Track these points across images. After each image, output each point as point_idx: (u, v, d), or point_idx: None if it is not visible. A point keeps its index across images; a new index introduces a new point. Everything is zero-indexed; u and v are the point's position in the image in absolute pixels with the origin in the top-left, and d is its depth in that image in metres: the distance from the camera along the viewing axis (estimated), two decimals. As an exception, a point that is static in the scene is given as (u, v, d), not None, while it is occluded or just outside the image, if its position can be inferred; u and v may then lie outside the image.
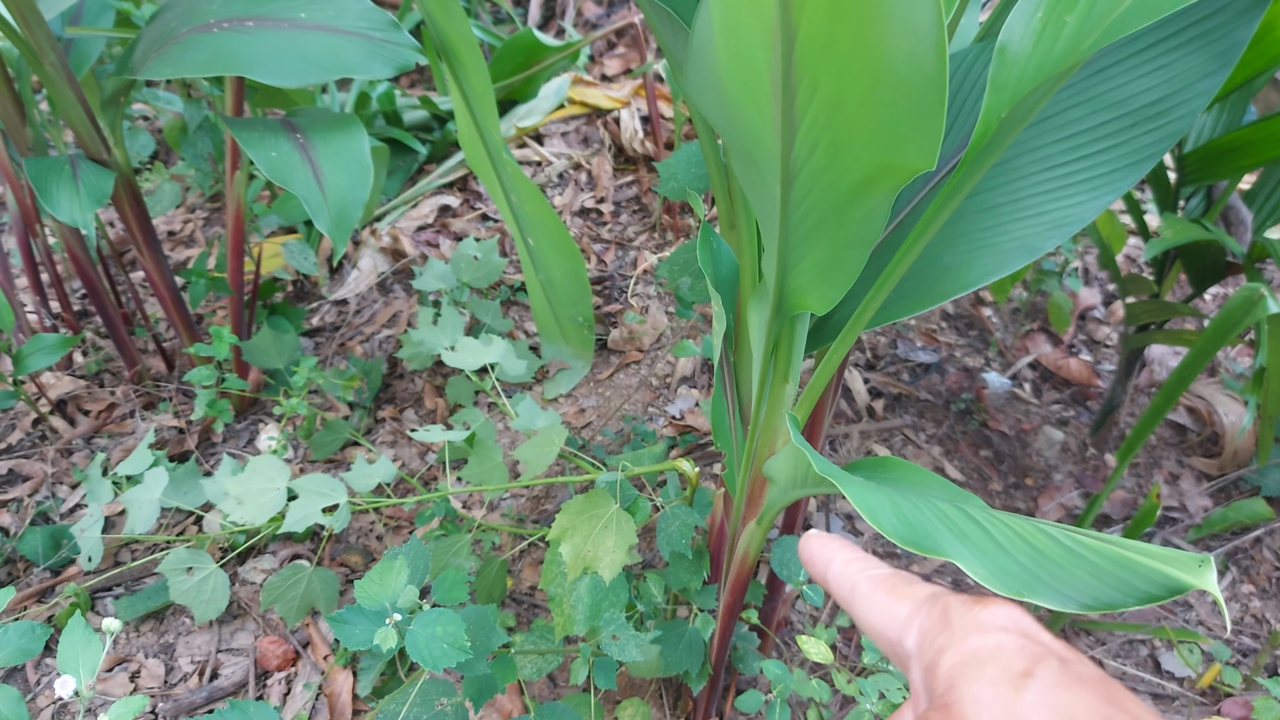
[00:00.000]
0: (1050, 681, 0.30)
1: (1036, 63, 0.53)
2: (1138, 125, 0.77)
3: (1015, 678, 0.30)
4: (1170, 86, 0.77)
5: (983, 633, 0.32)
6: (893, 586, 0.37)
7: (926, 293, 0.77)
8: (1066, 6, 0.53)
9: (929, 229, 0.60)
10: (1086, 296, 1.75)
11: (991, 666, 0.31)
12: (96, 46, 1.37)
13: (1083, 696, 0.29)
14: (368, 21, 1.21)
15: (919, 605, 0.35)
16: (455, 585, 0.69)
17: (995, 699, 0.30)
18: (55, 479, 1.49)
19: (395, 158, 2.01)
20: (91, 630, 0.62)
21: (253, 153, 1.15)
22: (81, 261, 1.38)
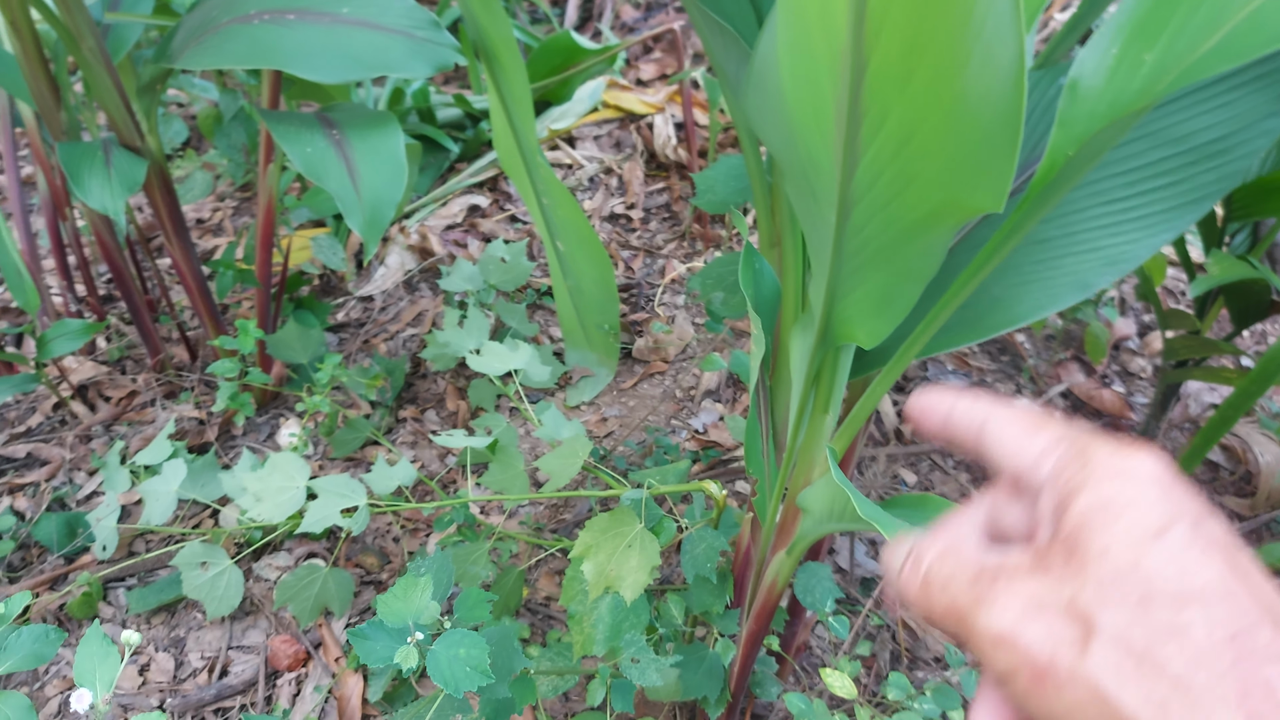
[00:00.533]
0: (1180, 543, 0.29)
1: (1109, 100, 0.51)
2: (1198, 163, 0.75)
3: (1147, 535, 0.29)
4: (1232, 125, 0.75)
5: (1123, 480, 0.30)
6: (1027, 420, 0.35)
7: (974, 325, 0.75)
8: (1146, 43, 0.51)
9: (985, 266, 0.58)
10: (1122, 327, 1.72)
11: (1125, 520, 0.29)
12: (134, 31, 1.37)
13: (1209, 563, 0.28)
14: (409, 20, 1.20)
15: (1057, 440, 0.33)
16: (478, 604, 0.68)
17: (1123, 553, 0.29)
18: (73, 465, 1.48)
19: (427, 155, 2.00)
20: (110, 642, 0.61)
21: (288, 147, 1.14)
22: (109, 247, 1.37)
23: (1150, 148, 0.76)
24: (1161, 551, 0.28)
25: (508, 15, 1.19)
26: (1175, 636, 0.28)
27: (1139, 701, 0.28)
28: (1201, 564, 0.28)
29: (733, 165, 1.15)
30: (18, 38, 1.13)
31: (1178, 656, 0.27)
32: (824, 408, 0.70)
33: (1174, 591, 0.28)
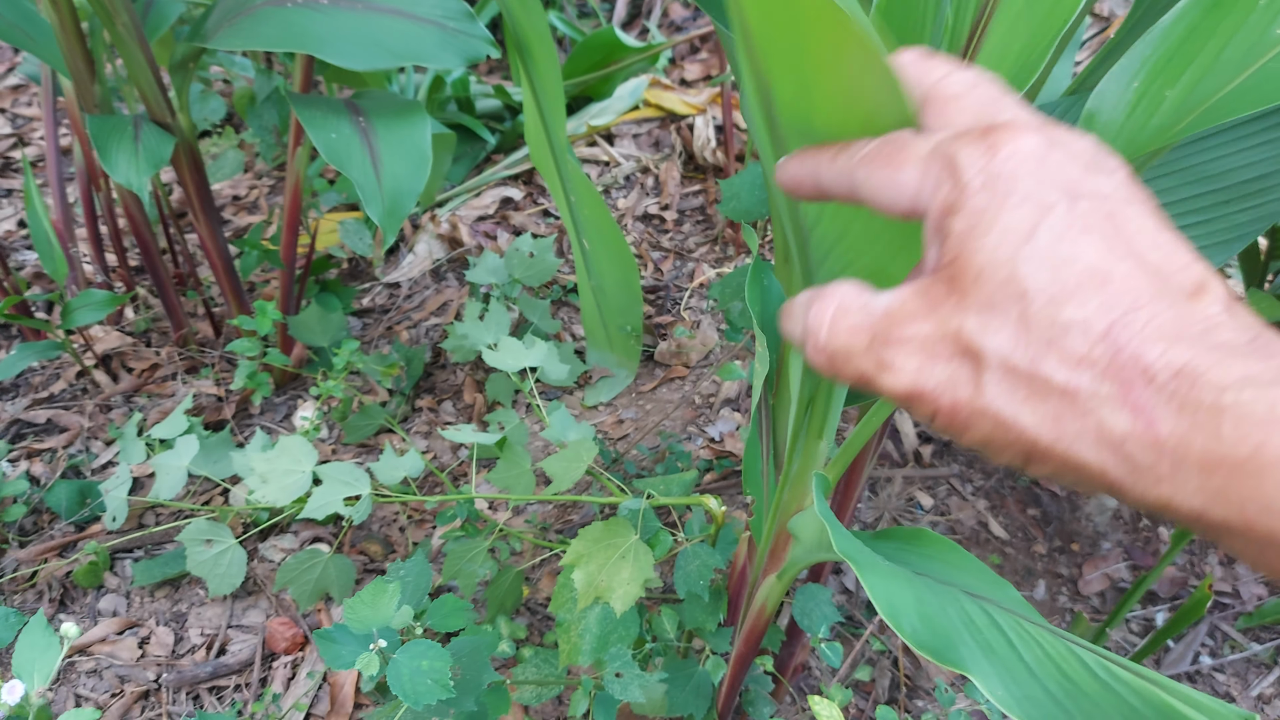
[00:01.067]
0: (1052, 235, 0.27)
1: (1128, 137, 0.49)
2: (1232, 202, 0.72)
3: (1018, 240, 0.28)
4: (1273, 164, 0.72)
5: (992, 185, 0.29)
6: (888, 156, 0.32)
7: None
8: (1168, 79, 0.48)
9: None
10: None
11: (996, 229, 0.28)
12: (176, 7, 1.37)
13: (1082, 249, 0.27)
14: (443, 10, 1.19)
15: (925, 163, 0.31)
16: (453, 611, 0.67)
17: (997, 269, 0.28)
18: (91, 433, 1.50)
19: (463, 144, 2.00)
20: (53, 633, 0.60)
21: (313, 132, 1.14)
22: (137, 221, 1.38)
23: (1182, 184, 0.73)
24: (1033, 254, 0.27)
25: (543, 10, 1.17)
26: (1054, 346, 0.27)
27: (1035, 421, 0.28)
28: (1074, 253, 0.27)
29: (757, 174, 1.13)
30: (55, 10, 1.14)
31: (1059, 369, 0.27)
32: (818, 433, 0.68)
33: (1049, 295, 0.27)
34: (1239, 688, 1.29)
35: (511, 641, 1.07)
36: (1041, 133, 0.29)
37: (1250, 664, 1.32)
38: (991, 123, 0.31)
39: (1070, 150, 0.29)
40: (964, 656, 0.43)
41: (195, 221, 1.37)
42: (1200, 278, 0.27)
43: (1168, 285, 0.27)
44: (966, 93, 0.33)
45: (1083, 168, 0.29)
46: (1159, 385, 0.25)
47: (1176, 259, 0.27)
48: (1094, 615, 1.34)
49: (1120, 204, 0.28)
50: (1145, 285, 0.27)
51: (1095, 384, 0.26)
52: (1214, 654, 1.32)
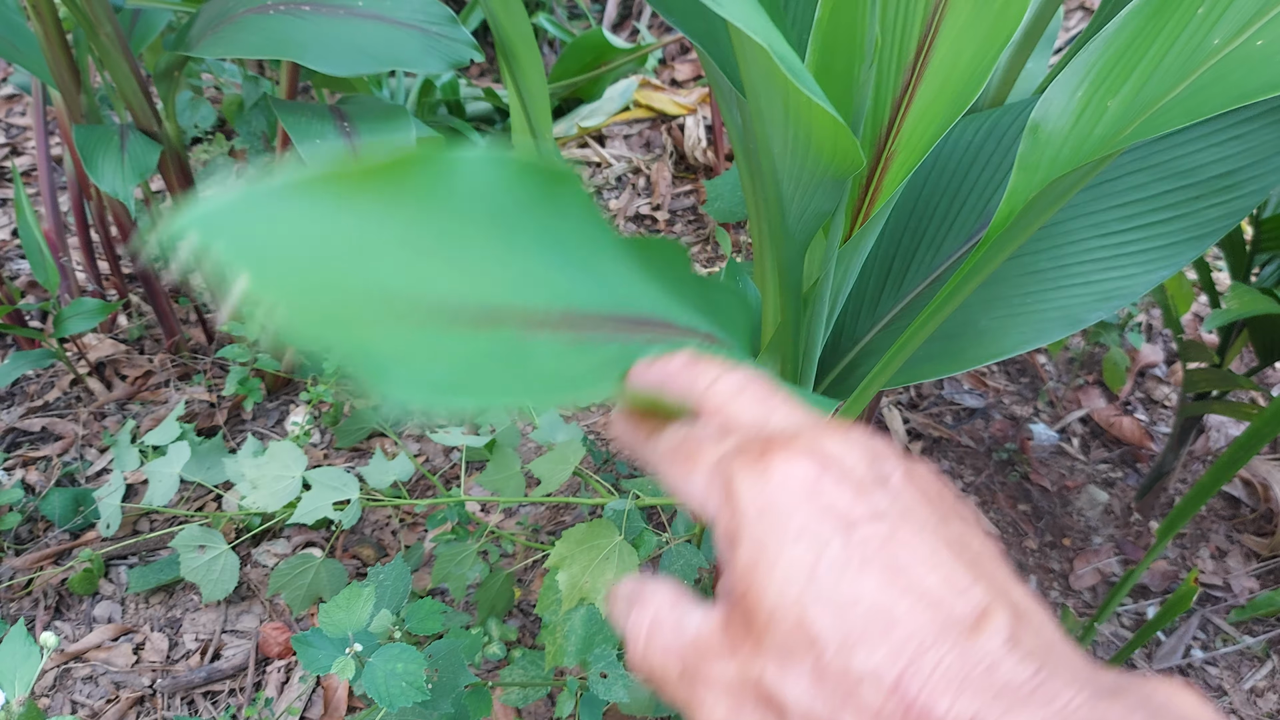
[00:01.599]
0: (833, 574, 0.27)
1: (1073, 145, 0.49)
2: (1204, 197, 0.72)
3: (802, 579, 0.27)
4: (1243, 159, 0.72)
5: (769, 517, 0.28)
6: (682, 459, 0.32)
7: (958, 355, 0.73)
8: (1111, 89, 0.48)
9: (945, 307, 0.56)
10: (1148, 353, 1.67)
11: (780, 568, 0.28)
12: (165, 16, 1.38)
13: (864, 587, 0.27)
14: (425, 15, 1.19)
15: (709, 476, 0.31)
16: (430, 615, 0.67)
17: (787, 613, 0.27)
18: (85, 441, 1.51)
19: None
20: (34, 642, 0.61)
21: (297, 139, 1.14)
22: (127, 229, 1.38)
23: (1154, 180, 0.73)
24: (817, 596, 0.27)
25: (526, 14, 1.18)
26: (849, 699, 0.26)
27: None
28: (856, 592, 0.27)
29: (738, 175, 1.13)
30: (39, 21, 1.14)
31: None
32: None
33: (839, 643, 0.26)
34: (1231, 681, 1.29)
35: (502, 644, 1.07)
36: (813, 453, 0.29)
37: (1243, 657, 1.32)
38: (765, 436, 0.31)
39: (842, 469, 0.29)
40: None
41: (184, 229, 1.37)
42: (982, 603, 0.27)
43: (950, 619, 0.26)
44: (736, 397, 0.33)
45: (855, 489, 0.29)
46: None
47: (956, 582, 0.27)
48: (1085, 609, 1.35)
49: (897, 524, 0.28)
50: (928, 623, 0.26)
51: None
52: (1205, 647, 1.33)
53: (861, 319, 0.79)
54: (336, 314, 0.28)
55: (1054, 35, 0.95)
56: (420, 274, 0.31)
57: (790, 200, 0.55)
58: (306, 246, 0.28)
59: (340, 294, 0.29)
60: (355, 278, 0.29)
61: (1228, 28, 0.49)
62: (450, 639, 0.72)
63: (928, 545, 0.28)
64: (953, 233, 0.76)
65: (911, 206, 0.77)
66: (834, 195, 0.54)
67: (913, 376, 0.73)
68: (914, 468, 0.31)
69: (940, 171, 0.76)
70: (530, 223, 0.36)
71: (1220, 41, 0.49)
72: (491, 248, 0.34)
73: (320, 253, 0.29)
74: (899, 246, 0.78)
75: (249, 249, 0.27)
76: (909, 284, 0.77)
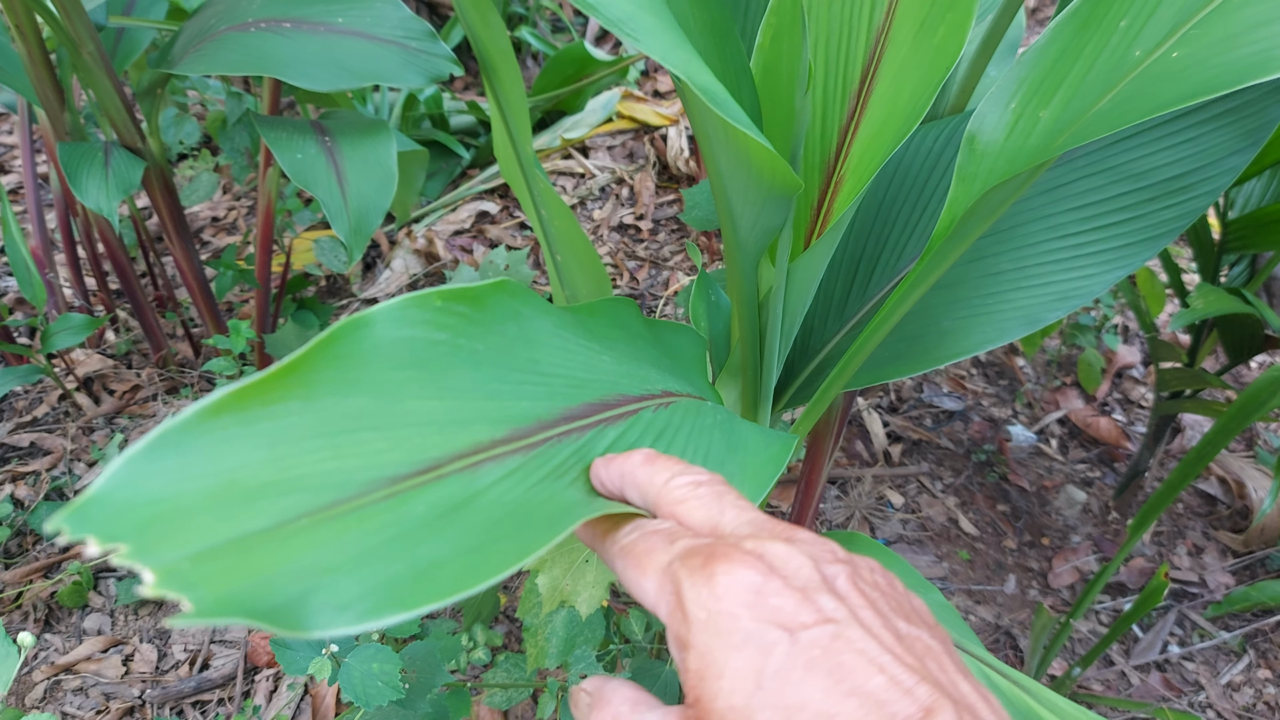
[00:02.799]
0: (777, 682, 0.28)
1: (1008, 156, 0.51)
2: (1158, 199, 0.74)
3: (749, 689, 0.28)
4: (1195, 162, 0.74)
5: (714, 626, 0.29)
6: (636, 558, 0.34)
7: (921, 356, 0.75)
8: (1041, 100, 0.51)
9: (896, 312, 0.58)
10: (1125, 354, 1.70)
11: (727, 678, 0.29)
12: (148, 34, 1.40)
13: (810, 691, 0.28)
14: (405, 30, 1.21)
15: (659, 580, 0.32)
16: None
17: (736, 711, 0.28)
18: (74, 456, 1.52)
19: (438, 160, 2.02)
20: (11, 642, 0.63)
21: (278, 153, 1.16)
22: (112, 244, 1.40)
23: (1109, 182, 0.75)
24: (764, 703, 0.28)
25: (505, 28, 1.20)
26: None
27: None
28: (801, 698, 0.28)
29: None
30: (22, 40, 1.16)
31: None
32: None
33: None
34: (1208, 676, 1.31)
35: (487, 649, 1.09)
36: (758, 559, 0.30)
37: (1220, 652, 1.34)
38: (712, 542, 0.32)
39: (786, 574, 0.30)
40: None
41: (170, 244, 1.39)
42: (926, 702, 0.28)
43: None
44: (690, 496, 0.35)
45: (799, 594, 0.30)
46: None
47: (901, 682, 0.28)
48: (1064, 606, 1.37)
49: (843, 626, 0.29)
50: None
51: None
52: (1183, 643, 1.34)
53: (829, 323, 0.81)
54: (222, 542, 0.27)
55: (1017, 42, 0.97)
56: (348, 452, 0.31)
57: (740, 215, 0.57)
58: (191, 487, 0.28)
59: (234, 514, 0.28)
60: (260, 489, 0.29)
61: (1147, 41, 0.51)
62: (427, 641, 0.73)
63: (874, 646, 0.29)
64: (915, 237, 0.78)
65: (875, 212, 0.79)
66: (780, 212, 0.56)
67: (878, 377, 0.75)
68: (860, 566, 0.32)
69: (902, 178, 0.78)
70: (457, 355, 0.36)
71: (1141, 54, 0.51)
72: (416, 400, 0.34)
73: (211, 484, 0.28)
74: (864, 251, 0.80)
75: (124, 519, 0.26)
76: (874, 288, 0.79)
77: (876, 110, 0.59)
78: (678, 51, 0.43)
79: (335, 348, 0.32)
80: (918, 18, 0.56)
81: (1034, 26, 2.79)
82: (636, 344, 0.52)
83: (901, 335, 0.76)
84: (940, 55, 0.53)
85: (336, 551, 0.29)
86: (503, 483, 0.35)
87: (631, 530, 0.35)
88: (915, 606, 0.33)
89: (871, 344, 0.60)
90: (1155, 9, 0.52)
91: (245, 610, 0.26)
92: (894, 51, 0.55)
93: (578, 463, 0.38)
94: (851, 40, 0.59)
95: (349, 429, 0.31)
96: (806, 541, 0.32)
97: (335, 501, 0.30)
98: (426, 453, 0.33)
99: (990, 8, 0.89)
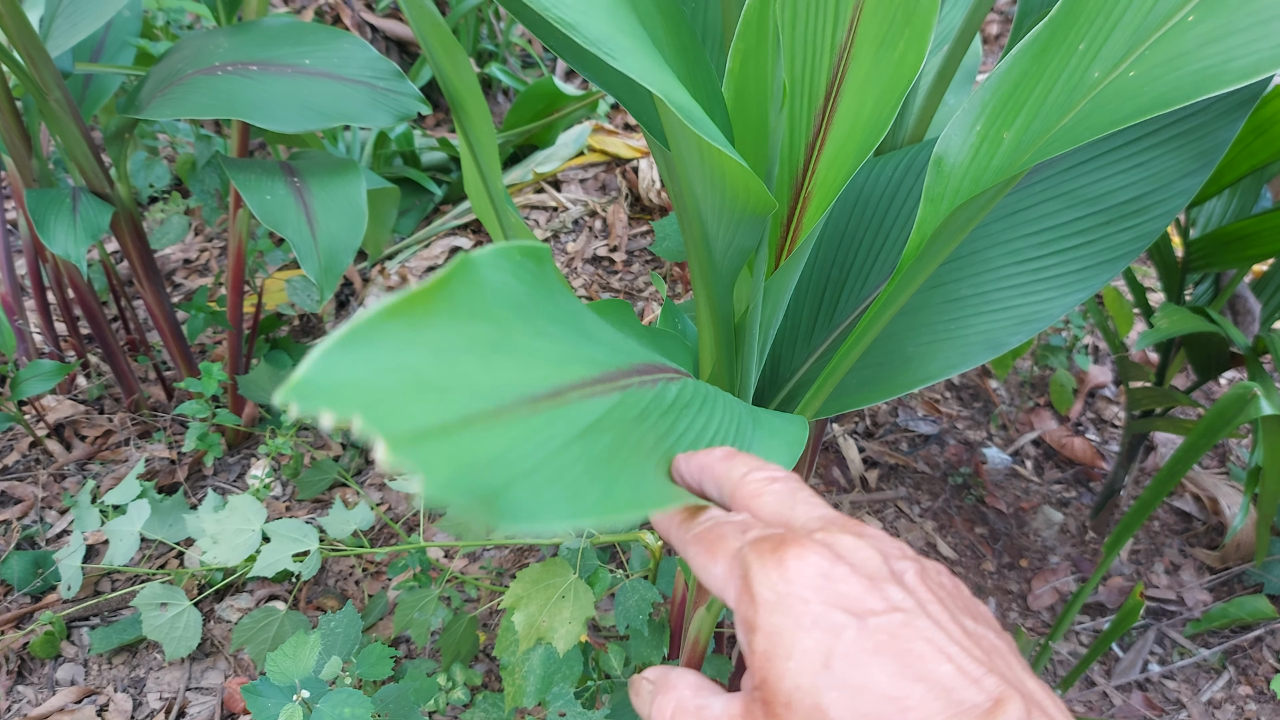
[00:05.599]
0: (846, 662, 0.28)
1: (973, 177, 0.52)
2: (1113, 223, 0.76)
3: (816, 668, 0.29)
4: (1148, 185, 0.75)
5: (784, 607, 0.30)
6: (709, 543, 0.34)
7: (887, 382, 0.75)
8: (1005, 122, 0.52)
9: (866, 335, 0.58)
10: (1097, 374, 1.71)
11: (795, 657, 0.29)
12: (116, 79, 1.40)
13: (876, 673, 0.28)
14: (372, 70, 1.22)
15: (729, 566, 0.33)
16: (379, 660, 0.68)
17: (803, 699, 0.28)
18: (45, 503, 1.50)
19: (411, 197, 2.03)
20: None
21: (247, 195, 1.16)
22: (81, 289, 1.39)
23: (1065, 207, 0.77)
24: (831, 683, 0.28)
25: (471, 67, 1.21)
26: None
27: None
28: (868, 680, 0.28)
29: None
30: (-12, 88, 1.16)
31: None
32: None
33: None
34: (1189, 694, 1.31)
35: (466, 689, 1.08)
36: (827, 548, 0.31)
37: (1200, 670, 1.34)
38: (785, 528, 0.33)
39: (855, 562, 0.31)
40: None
41: (140, 288, 1.39)
42: (995, 693, 0.28)
43: (962, 707, 0.27)
44: (765, 491, 0.36)
45: (867, 582, 0.30)
46: None
47: (969, 672, 0.28)
48: (1044, 628, 1.37)
49: (911, 615, 0.29)
50: (939, 711, 0.27)
51: None
52: (1163, 661, 1.35)
53: (797, 351, 0.82)
54: (439, 424, 0.29)
55: (974, 70, 0.99)
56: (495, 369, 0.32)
57: (715, 237, 0.57)
58: (389, 377, 0.29)
59: (438, 403, 0.29)
60: (444, 387, 0.30)
61: (1105, 62, 0.52)
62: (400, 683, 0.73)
63: (942, 636, 0.29)
64: (878, 264, 0.79)
65: (839, 240, 0.80)
66: (755, 231, 0.56)
67: (846, 404, 0.75)
68: (928, 566, 0.33)
69: (864, 206, 0.79)
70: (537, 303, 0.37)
71: (1100, 74, 0.52)
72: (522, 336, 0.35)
73: (405, 377, 0.29)
74: (829, 279, 0.81)
75: (346, 398, 0.28)
76: (840, 315, 0.80)
77: (841, 125, 0.60)
78: (655, 71, 0.43)
79: (456, 281, 0.33)
80: (878, 34, 0.57)
81: (996, 52, 2.83)
82: (643, 335, 0.52)
83: (868, 362, 0.76)
84: (900, 69, 0.54)
85: (525, 452, 0.30)
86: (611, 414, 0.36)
87: (705, 519, 0.36)
88: (980, 610, 0.34)
89: (842, 369, 0.61)
90: (1112, 31, 0.53)
91: (469, 492, 0.27)
92: (857, 67, 0.56)
93: (655, 409, 0.39)
94: (816, 58, 0.60)
95: (484, 350, 0.32)
96: (876, 537, 0.33)
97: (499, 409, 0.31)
98: (550, 380, 0.34)
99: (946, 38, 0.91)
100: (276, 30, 1.24)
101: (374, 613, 1.34)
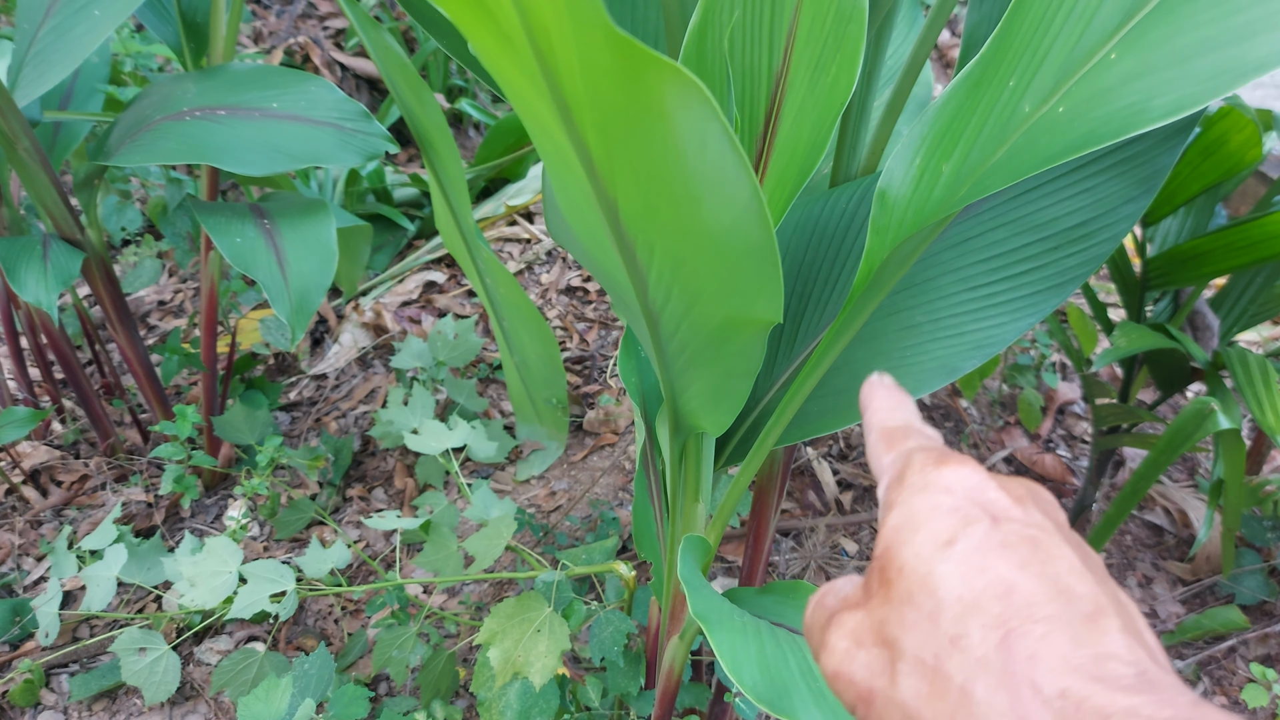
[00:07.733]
0: (970, 547, 0.29)
1: (915, 208, 0.54)
2: (1061, 248, 0.78)
3: (938, 545, 0.30)
4: (1094, 210, 0.77)
5: (926, 493, 0.31)
6: (891, 438, 0.37)
7: (847, 409, 0.77)
8: (943, 155, 0.53)
9: (821, 363, 0.60)
10: (1065, 391, 1.74)
11: (921, 533, 0.30)
12: (85, 125, 1.41)
13: (995, 563, 0.29)
14: (339, 112, 1.23)
15: (897, 457, 0.35)
16: (354, 700, 0.69)
17: (917, 567, 0.30)
18: (22, 550, 1.49)
19: (384, 233, 2.04)
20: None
21: (217, 238, 1.17)
22: (54, 335, 1.40)
23: (1013, 234, 0.79)
24: (950, 560, 0.29)
25: (438, 106, 1.22)
26: (957, 648, 0.28)
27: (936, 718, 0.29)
28: (986, 565, 0.29)
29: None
30: (-44, 139, 1.17)
31: (960, 669, 0.28)
32: (694, 495, 0.72)
33: (957, 599, 0.29)
34: (1165, 704, 1.32)
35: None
36: (985, 472, 0.33)
37: (1175, 679, 1.35)
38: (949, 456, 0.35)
39: (1008, 486, 0.32)
40: (795, 705, 0.46)
41: (113, 331, 1.39)
42: (1102, 604, 0.28)
43: (1070, 603, 0.28)
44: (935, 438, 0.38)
45: (1015, 501, 0.32)
46: (1045, 699, 0.27)
47: (1083, 580, 0.29)
48: (1021, 645, 1.38)
49: (1045, 534, 0.31)
50: (1045, 598, 0.28)
51: (989, 694, 0.28)
52: (1138, 673, 1.36)
53: (760, 381, 0.83)
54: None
55: (926, 100, 1.01)
56: None
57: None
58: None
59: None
60: None
61: (1035, 97, 0.54)
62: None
63: (1070, 554, 0.30)
64: (836, 292, 0.80)
65: (797, 271, 0.82)
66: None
67: (807, 432, 0.76)
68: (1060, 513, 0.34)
69: (820, 237, 0.81)
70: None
71: (1030, 109, 0.54)
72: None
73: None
74: (788, 310, 0.82)
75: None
76: (800, 345, 0.81)
77: (782, 150, 0.62)
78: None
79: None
80: (811, 60, 0.59)
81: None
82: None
83: (828, 390, 0.78)
84: (833, 93, 0.56)
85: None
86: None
87: (902, 424, 0.38)
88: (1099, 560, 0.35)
89: (800, 397, 0.62)
90: (1040, 66, 0.55)
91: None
92: (793, 94, 0.57)
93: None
94: (754, 86, 0.62)
95: None
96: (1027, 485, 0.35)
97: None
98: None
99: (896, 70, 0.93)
100: (243, 75, 1.25)
101: (353, 651, 1.34)
